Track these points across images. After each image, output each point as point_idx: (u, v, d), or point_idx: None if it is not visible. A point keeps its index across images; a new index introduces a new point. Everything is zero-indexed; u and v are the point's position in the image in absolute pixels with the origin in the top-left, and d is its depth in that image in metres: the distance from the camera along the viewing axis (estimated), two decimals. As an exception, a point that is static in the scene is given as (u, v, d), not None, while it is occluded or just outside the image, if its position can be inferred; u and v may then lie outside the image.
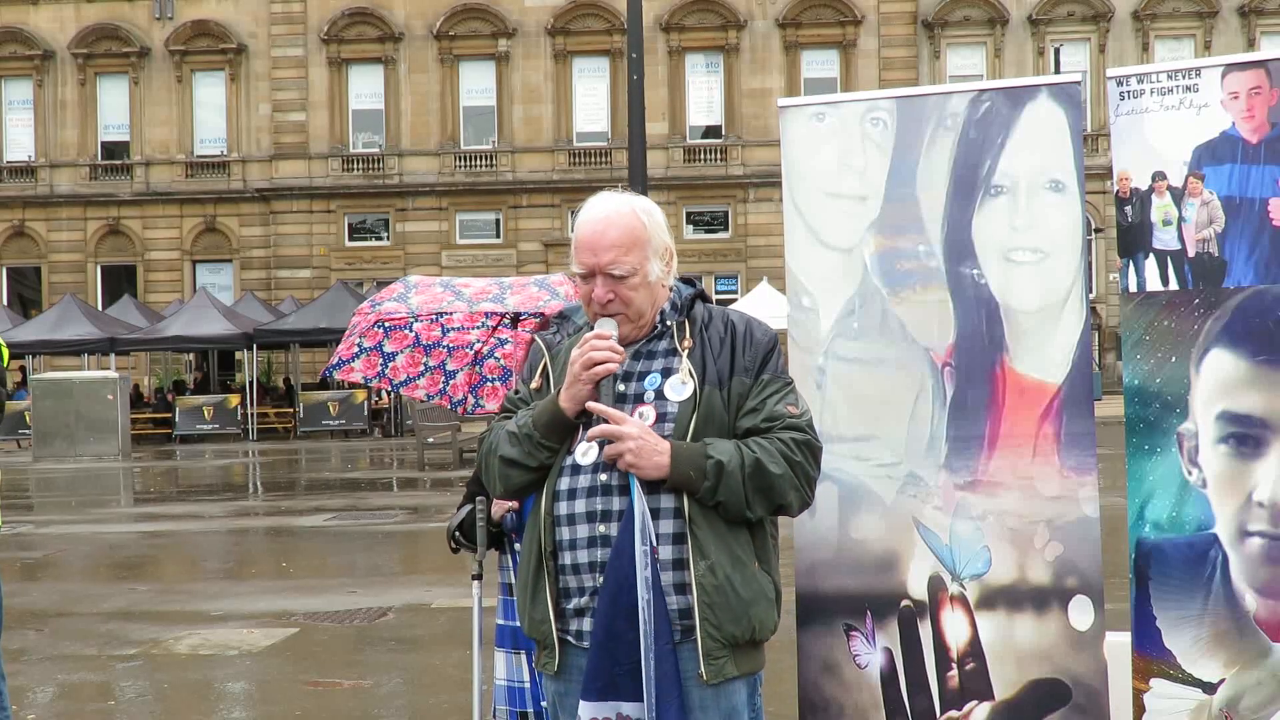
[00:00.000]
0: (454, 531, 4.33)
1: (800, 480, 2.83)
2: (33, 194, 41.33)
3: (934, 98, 3.63)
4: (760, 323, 2.98)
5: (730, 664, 2.82)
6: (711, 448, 2.79)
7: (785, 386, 2.90)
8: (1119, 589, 3.38)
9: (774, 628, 2.89)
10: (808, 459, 2.84)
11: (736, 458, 2.78)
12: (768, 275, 31.97)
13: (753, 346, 2.90)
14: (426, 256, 39.80)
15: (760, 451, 2.79)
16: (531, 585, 2.94)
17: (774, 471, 2.79)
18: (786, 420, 2.84)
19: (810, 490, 2.88)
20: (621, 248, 2.87)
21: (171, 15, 40.98)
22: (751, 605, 2.82)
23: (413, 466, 22.28)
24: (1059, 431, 3.42)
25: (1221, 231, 3.30)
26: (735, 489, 2.77)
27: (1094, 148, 34.92)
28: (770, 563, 2.89)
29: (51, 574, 12.11)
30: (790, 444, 2.82)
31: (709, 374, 2.87)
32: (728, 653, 2.81)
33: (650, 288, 2.92)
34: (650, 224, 2.92)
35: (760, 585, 2.85)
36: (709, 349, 2.90)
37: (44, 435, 26.00)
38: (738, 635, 2.81)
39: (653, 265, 2.91)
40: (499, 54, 40.52)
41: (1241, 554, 3.26)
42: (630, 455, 2.77)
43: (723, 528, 2.82)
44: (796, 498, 2.84)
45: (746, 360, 2.89)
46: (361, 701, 7.03)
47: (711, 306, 3.00)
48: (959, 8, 40.60)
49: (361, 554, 13.09)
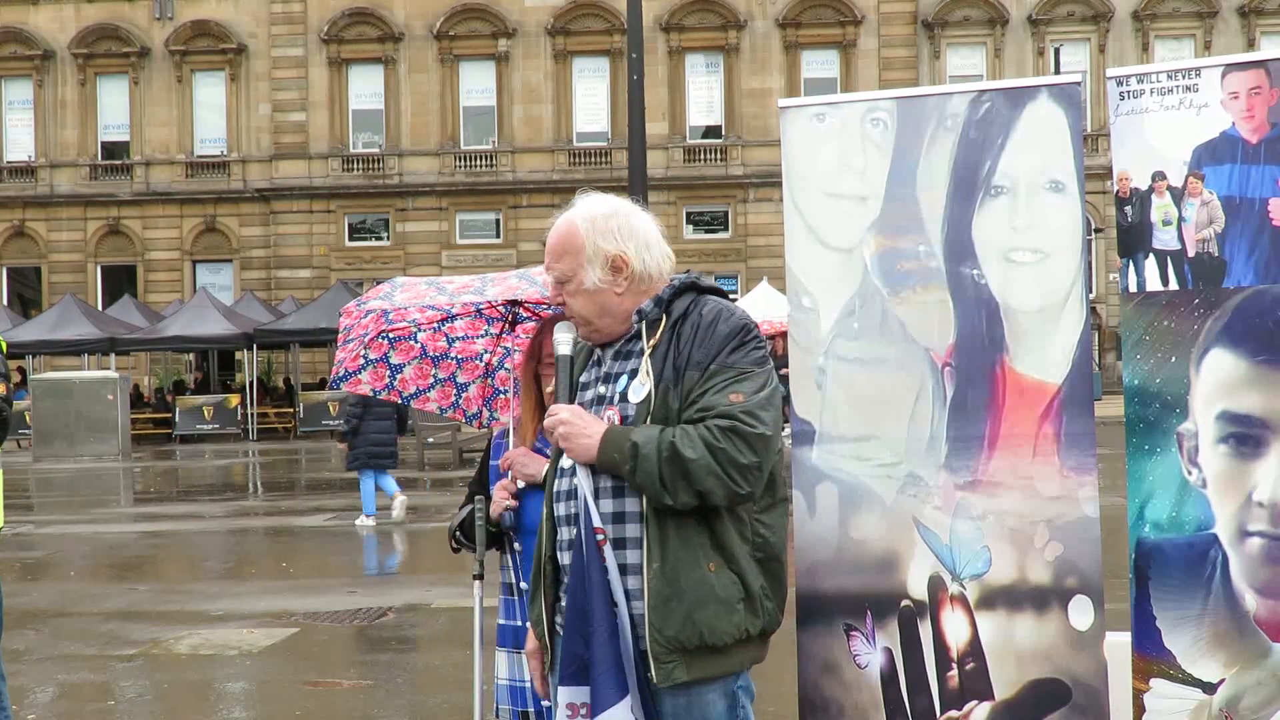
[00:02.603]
0: (454, 531, 4.33)
1: (723, 466, 2.74)
2: (33, 194, 41.33)
3: (934, 98, 3.63)
4: (731, 312, 2.93)
5: (680, 669, 2.80)
6: (635, 432, 2.80)
7: (738, 376, 2.82)
8: (1119, 589, 3.38)
9: (738, 631, 2.83)
10: (735, 445, 2.75)
11: (654, 442, 2.76)
12: (768, 275, 31.94)
13: (710, 339, 2.86)
14: (426, 256, 39.80)
15: (679, 436, 2.76)
16: (533, 585, 3.06)
17: (689, 456, 2.73)
18: (720, 408, 2.77)
19: (741, 478, 2.77)
20: (553, 254, 2.96)
21: (171, 15, 40.98)
22: (697, 609, 2.78)
23: (413, 466, 22.29)
24: (1059, 431, 3.42)
25: (1221, 231, 3.30)
26: (650, 472, 2.75)
27: (1094, 148, 34.92)
28: (738, 562, 2.84)
29: (51, 574, 12.11)
30: (714, 430, 2.76)
31: (665, 372, 2.86)
32: (676, 657, 2.79)
33: (590, 295, 2.93)
34: (590, 231, 2.93)
35: (710, 588, 2.80)
36: (675, 345, 2.88)
37: (44, 435, 26.01)
38: (683, 640, 2.79)
39: (588, 273, 2.92)
40: (499, 54, 40.52)
41: (1241, 554, 3.26)
42: (561, 440, 2.85)
43: (680, 529, 2.80)
44: (718, 484, 2.75)
45: (699, 354, 2.85)
46: (361, 701, 7.03)
47: (703, 299, 2.96)
48: (959, 8, 40.60)
49: (361, 554, 13.10)
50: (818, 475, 3.66)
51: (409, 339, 4.78)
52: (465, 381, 4.87)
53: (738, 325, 2.89)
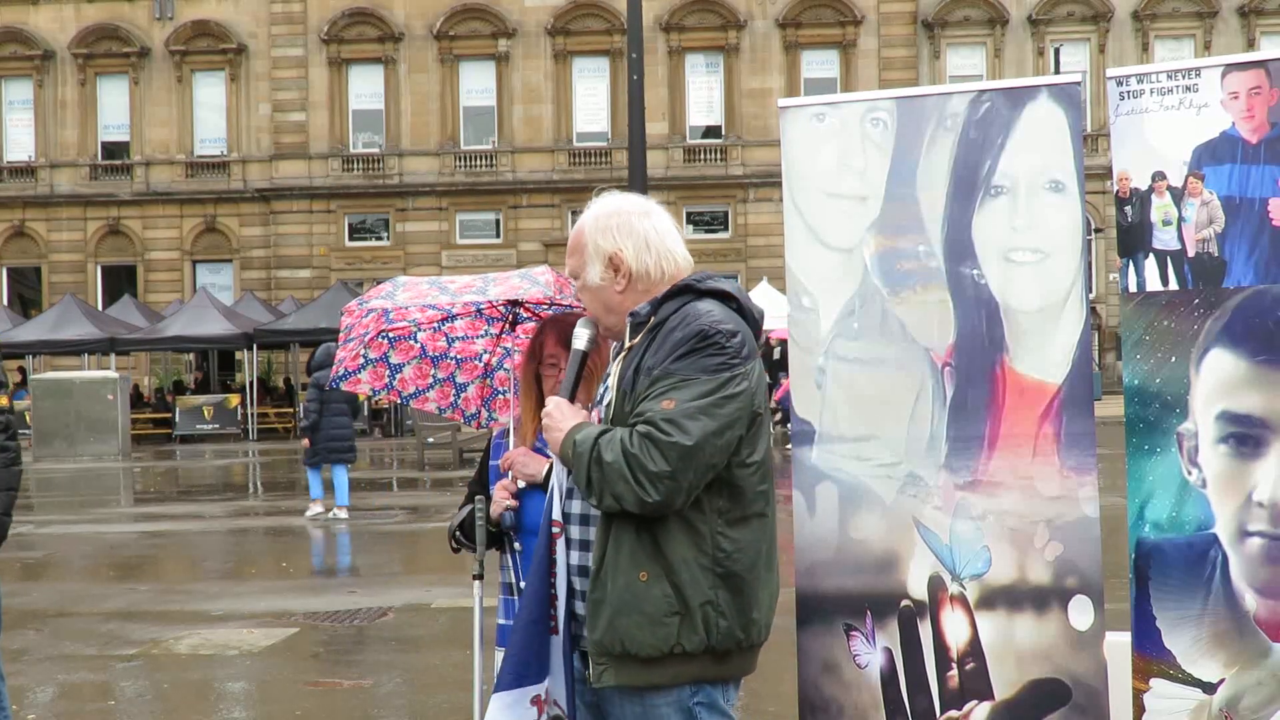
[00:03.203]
0: (454, 531, 4.33)
1: (633, 473, 2.68)
2: (33, 194, 41.34)
3: (934, 98, 3.63)
4: (696, 317, 2.82)
5: (610, 673, 2.80)
6: (578, 431, 2.83)
7: (678, 382, 2.75)
8: (1119, 589, 3.38)
9: (664, 645, 2.75)
10: (646, 452, 2.68)
11: (588, 443, 2.77)
12: (768, 275, 31.96)
13: (665, 346, 2.80)
14: (426, 256, 39.81)
15: (604, 441, 2.75)
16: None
17: (606, 459, 2.72)
18: (648, 414, 2.73)
19: (650, 486, 2.68)
20: (567, 252, 3.02)
21: (171, 15, 40.98)
22: (618, 616, 2.75)
23: (413, 466, 22.29)
24: (1059, 431, 3.42)
25: (1221, 231, 3.30)
26: (581, 472, 2.78)
27: (1094, 148, 34.92)
28: (678, 574, 2.75)
29: (51, 574, 12.12)
30: (631, 435, 2.72)
31: (625, 378, 2.85)
32: (606, 660, 2.80)
33: (594, 292, 2.95)
34: (592, 230, 2.95)
35: (635, 598, 2.74)
36: (647, 350, 2.85)
37: (44, 435, 26.01)
38: (606, 645, 2.79)
39: (590, 270, 2.94)
40: (499, 54, 40.52)
41: (1241, 554, 3.26)
42: (545, 432, 2.92)
43: (620, 535, 2.78)
44: (627, 490, 2.69)
45: (651, 359, 2.81)
46: (361, 701, 7.03)
47: (693, 303, 2.88)
48: (959, 8, 40.60)
49: (361, 554, 13.09)
50: (818, 475, 3.66)
51: (409, 339, 4.78)
52: (464, 382, 4.87)
53: (693, 331, 2.78)
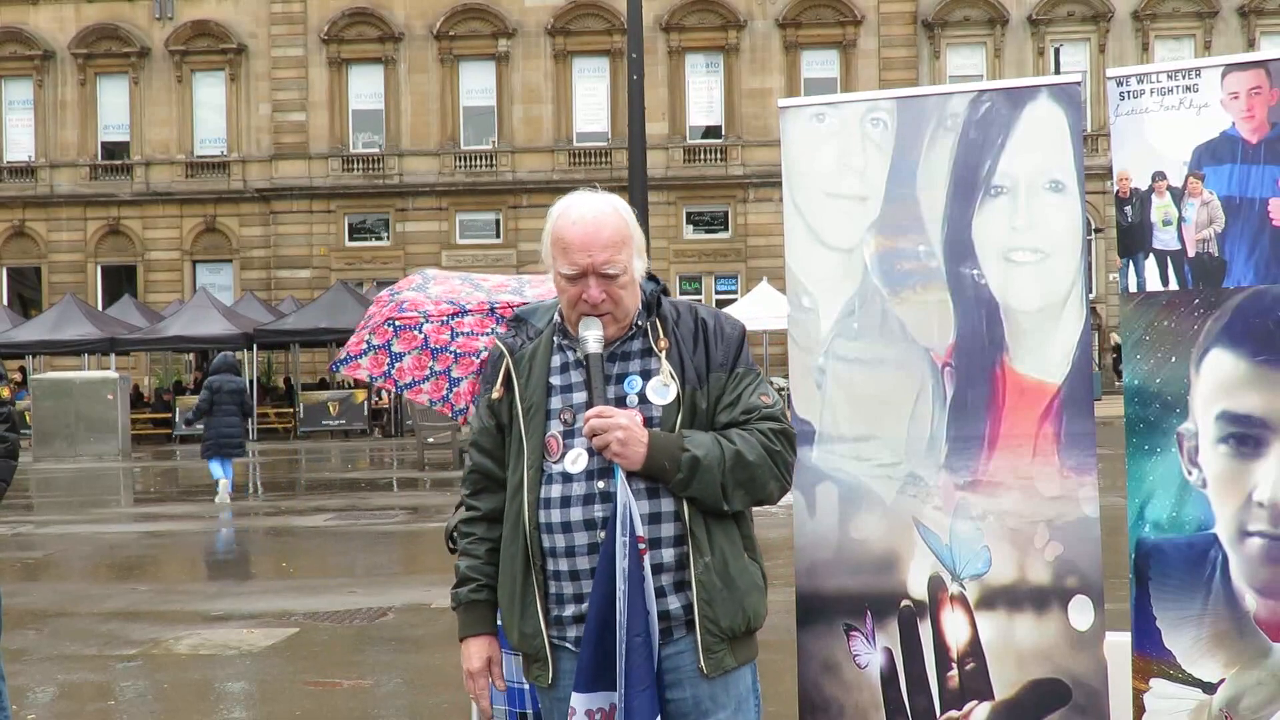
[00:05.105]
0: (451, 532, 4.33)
1: (779, 468, 2.89)
2: (33, 194, 41.33)
3: (934, 98, 3.63)
4: (727, 315, 3.03)
5: (729, 656, 2.87)
6: (688, 440, 2.82)
7: (758, 378, 2.96)
8: (1119, 589, 3.38)
9: (765, 614, 2.96)
10: (785, 447, 2.90)
11: (715, 452, 2.81)
12: (768, 275, 31.98)
13: (724, 341, 2.95)
14: (426, 257, 39.78)
15: (740, 443, 2.84)
16: (520, 598, 2.95)
17: (753, 462, 2.84)
18: (762, 411, 2.89)
19: (789, 477, 2.93)
20: (614, 247, 2.87)
21: (171, 15, 40.97)
22: (746, 597, 2.89)
23: (413, 466, 22.29)
24: (1059, 431, 3.42)
25: (1221, 231, 3.30)
26: (711, 483, 2.80)
27: (1094, 148, 34.92)
28: (755, 551, 2.96)
29: (51, 574, 12.11)
30: (769, 434, 2.87)
31: (688, 374, 2.90)
32: (725, 646, 2.87)
33: (634, 286, 2.95)
34: (632, 222, 2.96)
35: (752, 576, 2.92)
36: (683, 347, 2.93)
37: (44, 435, 26.00)
38: (735, 628, 2.87)
39: (636, 264, 2.94)
40: (499, 54, 40.52)
41: (1241, 554, 3.26)
42: (617, 444, 2.77)
43: (721, 525, 2.87)
44: (776, 486, 2.90)
45: (720, 355, 2.93)
46: (361, 701, 7.03)
47: (676, 301, 3.02)
48: (959, 8, 40.59)
49: (361, 554, 13.09)
50: (818, 475, 3.66)
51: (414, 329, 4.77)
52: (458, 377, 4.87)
53: (740, 328, 3.00)
